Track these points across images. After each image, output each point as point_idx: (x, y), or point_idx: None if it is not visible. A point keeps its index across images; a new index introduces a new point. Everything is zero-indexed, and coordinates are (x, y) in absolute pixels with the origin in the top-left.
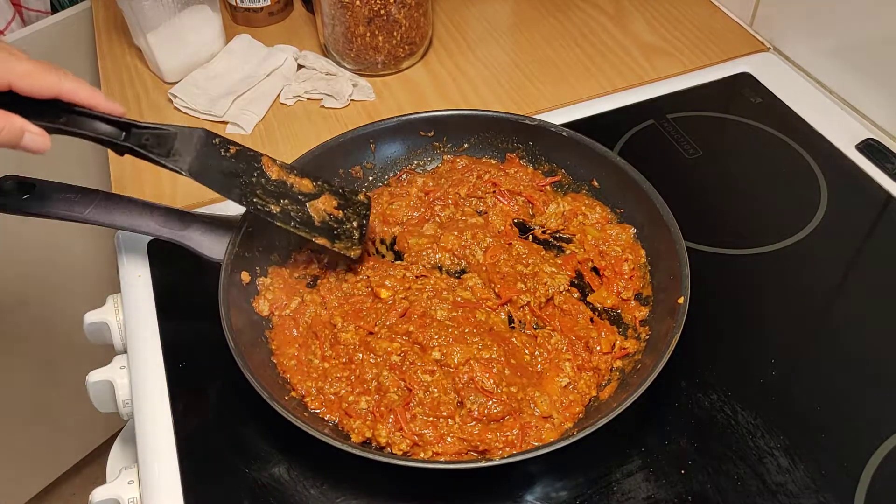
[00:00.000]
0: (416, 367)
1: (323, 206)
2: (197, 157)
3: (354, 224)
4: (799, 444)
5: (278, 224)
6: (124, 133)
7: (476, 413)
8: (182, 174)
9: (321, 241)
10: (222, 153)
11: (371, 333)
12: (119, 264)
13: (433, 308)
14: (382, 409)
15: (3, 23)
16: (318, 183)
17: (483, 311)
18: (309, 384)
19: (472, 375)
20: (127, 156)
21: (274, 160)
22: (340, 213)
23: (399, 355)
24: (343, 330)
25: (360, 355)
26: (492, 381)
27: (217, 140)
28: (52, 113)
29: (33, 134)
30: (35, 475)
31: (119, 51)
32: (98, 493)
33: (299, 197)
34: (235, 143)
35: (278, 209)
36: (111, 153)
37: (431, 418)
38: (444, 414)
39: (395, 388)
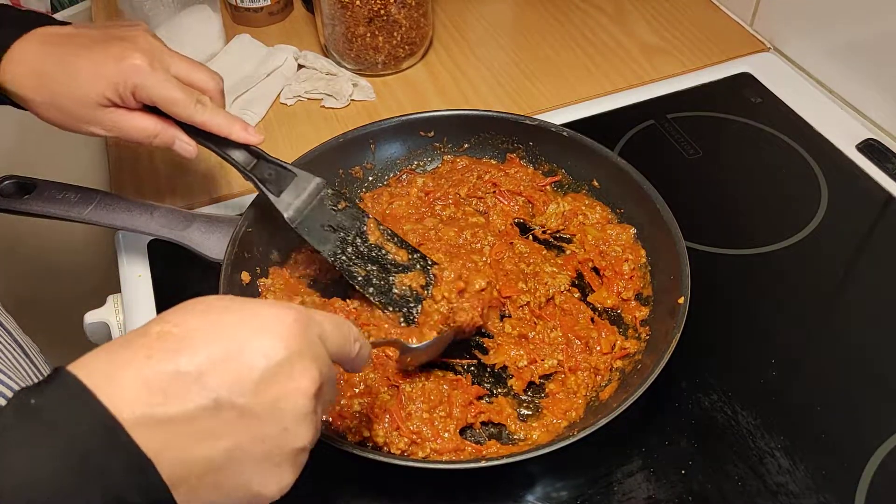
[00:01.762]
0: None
1: (409, 282)
2: (303, 206)
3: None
4: (799, 444)
5: (357, 287)
6: (254, 162)
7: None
8: (283, 217)
9: (391, 315)
10: (330, 207)
11: None
12: (119, 264)
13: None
14: (377, 410)
15: None
16: (414, 257)
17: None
18: None
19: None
20: (127, 156)
21: (378, 224)
22: (422, 293)
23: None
24: None
25: None
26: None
27: (331, 192)
28: (196, 129)
29: (183, 142)
30: None
31: None
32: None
33: (389, 266)
34: (348, 200)
35: (363, 273)
36: (110, 154)
37: (427, 415)
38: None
39: (385, 388)
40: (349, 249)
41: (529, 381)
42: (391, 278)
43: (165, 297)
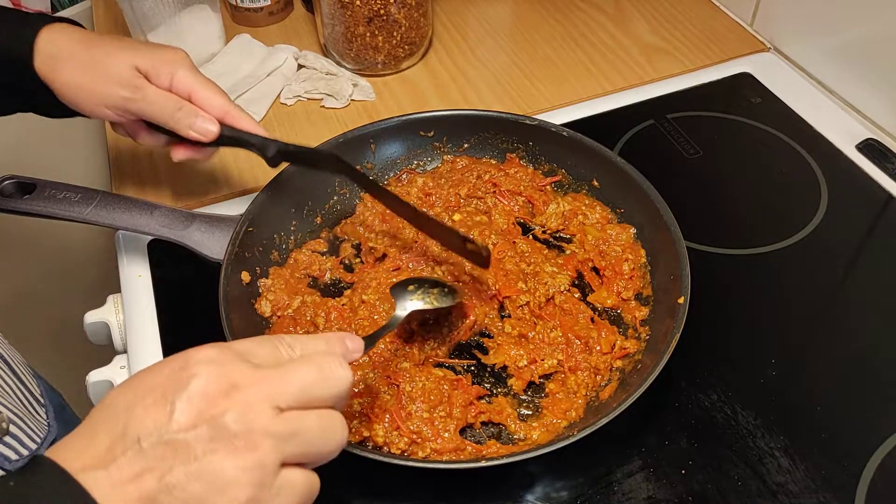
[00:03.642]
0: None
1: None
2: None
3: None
4: (799, 444)
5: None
6: (276, 149)
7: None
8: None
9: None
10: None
11: None
12: (119, 264)
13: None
14: (377, 410)
15: None
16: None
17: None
18: None
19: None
20: (126, 156)
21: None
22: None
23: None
24: (326, 331)
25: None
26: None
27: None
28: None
29: (205, 118)
30: None
31: None
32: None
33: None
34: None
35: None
36: (111, 154)
37: (427, 414)
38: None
39: (385, 388)
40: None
41: (529, 380)
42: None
43: (165, 298)
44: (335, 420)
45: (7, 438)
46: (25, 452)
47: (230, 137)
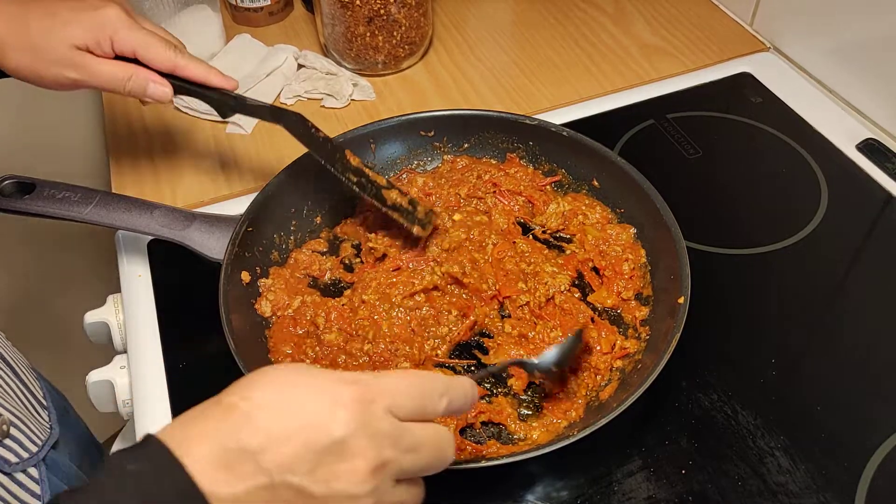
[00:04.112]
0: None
1: (395, 196)
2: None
3: (420, 216)
4: (799, 444)
5: (356, 189)
6: (234, 100)
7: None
8: (288, 120)
9: (394, 214)
10: (314, 132)
11: (351, 336)
12: (119, 264)
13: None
14: None
15: None
16: (390, 181)
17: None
18: None
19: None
20: (126, 156)
21: (353, 154)
22: (409, 206)
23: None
24: (326, 331)
25: (343, 357)
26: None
27: (310, 123)
28: (171, 76)
29: (157, 83)
30: None
31: None
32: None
33: (374, 183)
34: (322, 133)
35: (355, 180)
36: (111, 154)
37: None
38: None
39: None
40: (338, 165)
41: (529, 381)
42: (380, 192)
43: (165, 297)
44: (446, 435)
45: (7, 441)
46: (26, 455)
47: (188, 90)
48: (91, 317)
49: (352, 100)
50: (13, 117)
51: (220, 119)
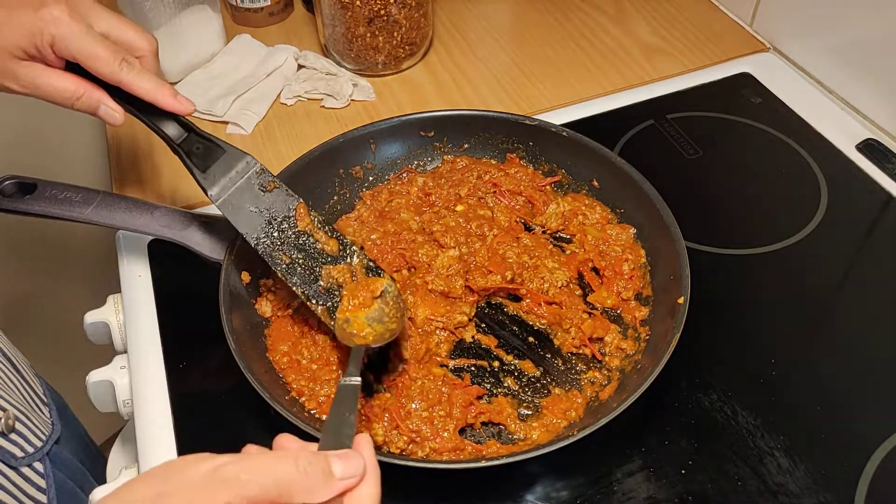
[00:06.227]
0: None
1: (337, 275)
2: (229, 184)
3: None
4: (799, 444)
5: (279, 274)
6: (184, 136)
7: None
8: (207, 195)
9: (313, 307)
10: (258, 187)
11: None
12: (119, 264)
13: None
14: (376, 408)
15: None
16: (347, 250)
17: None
18: (303, 384)
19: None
20: (126, 155)
21: (310, 211)
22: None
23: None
24: (319, 330)
25: (337, 356)
26: None
27: (260, 173)
28: (125, 96)
29: (108, 107)
30: None
31: None
32: (98, 493)
33: (317, 255)
34: (278, 183)
35: (287, 260)
36: (111, 155)
37: (426, 413)
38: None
39: (384, 387)
40: (275, 234)
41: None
42: (318, 269)
43: (165, 298)
44: None
45: (13, 435)
46: (31, 450)
47: (136, 115)
48: (91, 317)
49: (352, 100)
50: (15, 117)
51: (219, 119)
